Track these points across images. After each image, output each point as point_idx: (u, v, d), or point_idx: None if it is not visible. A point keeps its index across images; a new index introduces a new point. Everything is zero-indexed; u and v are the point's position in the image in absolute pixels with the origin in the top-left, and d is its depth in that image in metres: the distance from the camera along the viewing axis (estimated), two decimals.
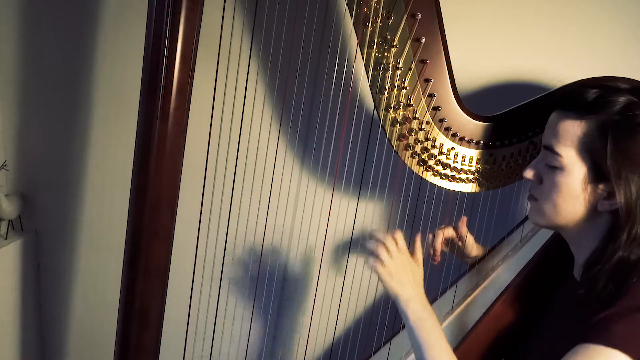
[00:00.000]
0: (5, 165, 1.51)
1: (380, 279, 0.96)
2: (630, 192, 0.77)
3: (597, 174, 0.80)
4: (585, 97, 0.81)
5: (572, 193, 0.83)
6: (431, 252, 1.13)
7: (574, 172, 0.82)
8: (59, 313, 1.66)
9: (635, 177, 0.77)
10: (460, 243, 1.16)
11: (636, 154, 0.77)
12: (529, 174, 0.90)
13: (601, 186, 0.81)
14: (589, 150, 0.80)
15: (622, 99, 0.78)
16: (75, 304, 1.64)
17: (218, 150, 1.08)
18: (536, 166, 0.90)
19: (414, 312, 0.93)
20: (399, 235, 1.00)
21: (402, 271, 0.96)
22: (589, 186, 0.82)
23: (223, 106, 1.04)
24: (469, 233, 1.16)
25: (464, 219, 1.15)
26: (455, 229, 1.15)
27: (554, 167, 0.84)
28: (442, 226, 1.15)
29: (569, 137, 0.82)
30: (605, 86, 0.82)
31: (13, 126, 1.51)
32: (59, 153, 1.51)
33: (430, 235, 1.14)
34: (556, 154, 0.83)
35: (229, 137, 1.06)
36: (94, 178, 1.51)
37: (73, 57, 1.41)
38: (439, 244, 1.12)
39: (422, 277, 1.00)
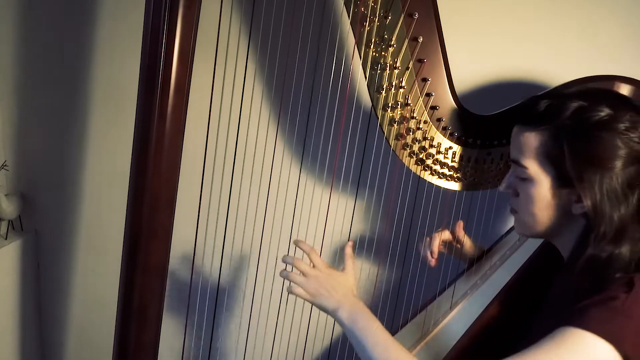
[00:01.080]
0: (5, 165, 1.51)
1: (305, 300, 0.97)
2: (594, 194, 0.78)
3: (561, 180, 0.82)
4: (536, 109, 0.83)
5: (545, 202, 0.85)
6: (429, 255, 1.13)
7: (541, 181, 0.84)
8: (59, 313, 1.66)
9: (597, 178, 0.78)
10: (458, 245, 1.16)
11: (593, 155, 0.78)
12: (502, 187, 0.93)
13: (568, 191, 0.82)
14: (549, 159, 0.82)
15: (572, 105, 0.80)
16: (74, 304, 1.65)
17: (216, 149, 1.09)
18: (509, 180, 0.92)
19: (343, 317, 0.94)
20: (313, 254, 1.01)
21: (321, 286, 0.97)
22: (558, 193, 0.83)
23: (221, 104, 1.04)
24: (465, 235, 1.16)
25: (461, 223, 1.15)
26: (452, 232, 1.15)
27: (525, 179, 0.86)
28: (439, 230, 1.15)
29: (529, 149, 0.84)
30: (556, 95, 0.84)
31: (13, 126, 1.51)
32: (59, 153, 1.51)
33: (428, 239, 1.14)
34: (522, 166, 0.85)
35: (227, 135, 1.06)
36: (93, 178, 1.52)
37: (72, 57, 1.42)
38: (436, 247, 1.13)
39: (351, 282, 1.01)
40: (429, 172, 1.05)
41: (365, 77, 0.99)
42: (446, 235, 1.15)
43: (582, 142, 0.79)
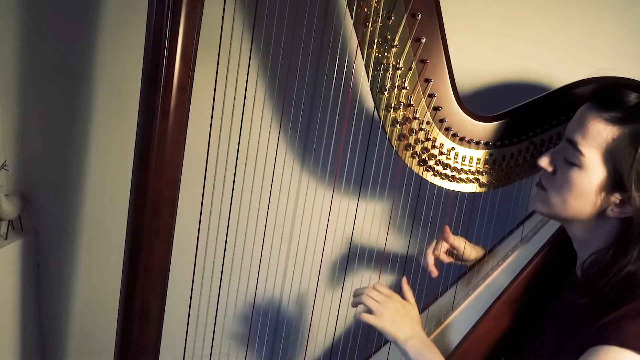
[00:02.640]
0: (5, 165, 1.51)
1: (376, 327, 0.96)
2: None
3: (615, 181, 0.78)
4: (625, 101, 0.77)
5: (584, 194, 0.81)
6: (434, 269, 1.12)
7: (592, 174, 0.79)
8: (59, 313, 1.66)
9: None
10: (456, 251, 1.16)
11: None
12: (544, 162, 0.87)
13: (617, 194, 0.79)
14: (615, 157, 0.77)
15: None
16: (75, 304, 1.64)
17: (218, 149, 1.08)
18: (553, 156, 0.87)
19: (413, 348, 0.93)
20: (381, 285, 1.01)
21: (394, 314, 0.96)
22: (604, 191, 0.79)
23: (223, 104, 1.04)
24: (465, 240, 1.15)
25: (446, 228, 1.13)
26: (447, 240, 1.14)
27: (572, 163, 0.81)
28: (439, 241, 1.14)
29: (595, 138, 0.78)
30: None
31: (13, 126, 1.51)
32: (59, 153, 1.51)
33: (428, 252, 1.13)
34: (579, 151, 0.80)
35: (229, 135, 1.06)
36: (94, 177, 1.51)
37: (73, 56, 1.41)
38: (432, 267, 1.12)
39: (418, 314, 1.01)
40: (432, 173, 1.05)
41: (368, 78, 0.99)
42: (445, 246, 1.14)
43: None
